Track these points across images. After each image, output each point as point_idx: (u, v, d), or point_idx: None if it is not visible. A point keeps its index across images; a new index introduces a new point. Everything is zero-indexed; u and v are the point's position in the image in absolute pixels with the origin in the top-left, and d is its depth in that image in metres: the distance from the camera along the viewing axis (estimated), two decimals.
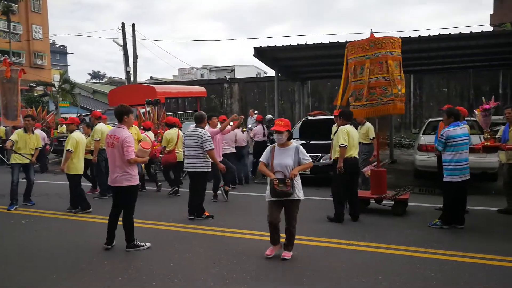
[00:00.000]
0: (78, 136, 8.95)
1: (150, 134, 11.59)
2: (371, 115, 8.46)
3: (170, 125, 11.02)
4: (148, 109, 14.55)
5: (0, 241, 7.15)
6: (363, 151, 10.40)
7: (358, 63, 8.04)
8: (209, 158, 8.11)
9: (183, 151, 10.51)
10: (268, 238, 6.00)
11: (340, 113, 8.14)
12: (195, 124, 8.37)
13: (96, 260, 6.02)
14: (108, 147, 6.45)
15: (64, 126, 21.98)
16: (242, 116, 11.17)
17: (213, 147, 8.08)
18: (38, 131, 11.63)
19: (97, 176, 10.69)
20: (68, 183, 9.09)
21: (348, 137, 7.72)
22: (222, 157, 9.47)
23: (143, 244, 6.54)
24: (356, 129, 9.56)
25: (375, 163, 8.91)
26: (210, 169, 8.19)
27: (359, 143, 10.15)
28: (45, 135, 15.17)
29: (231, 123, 9.83)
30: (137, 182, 6.50)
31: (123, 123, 6.43)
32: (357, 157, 8.01)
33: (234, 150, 11.21)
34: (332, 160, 7.89)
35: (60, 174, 14.33)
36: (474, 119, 9.69)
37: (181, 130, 11.53)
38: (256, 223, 7.80)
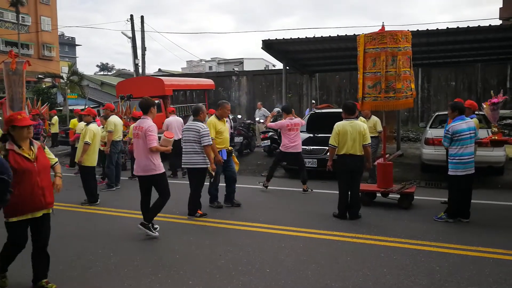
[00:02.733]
0: (95, 128, 9.06)
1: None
2: (393, 108, 8.32)
3: (136, 119, 11.46)
4: (121, 103, 14.82)
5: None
6: (371, 144, 10.39)
7: (389, 54, 7.77)
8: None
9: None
10: (278, 232, 5.97)
11: (343, 106, 7.95)
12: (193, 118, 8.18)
13: (102, 252, 6.08)
14: (134, 138, 6.81)
15: (56, 117, 22.11)
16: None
17: (211, 142, 7.72)
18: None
19: (107, 167, 10.78)
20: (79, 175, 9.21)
21: (338, 135, 7.55)
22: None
23: (154, 232, 6.69)
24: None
25: (388, 155, 8.89)
26: (208, 165, 7.82)
27: None
28: None
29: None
30: (162, 170, 6.72)
31: (148, 114, 6.69)
32: (356, 153, 7.51)
33: None
34: (336, 155, 7.78)
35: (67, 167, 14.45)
36: (482, 112, 9.65)
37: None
38: (263, 216, 7.85)
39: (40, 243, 4.81)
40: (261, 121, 17.77)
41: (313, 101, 19.19)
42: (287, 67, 14.85)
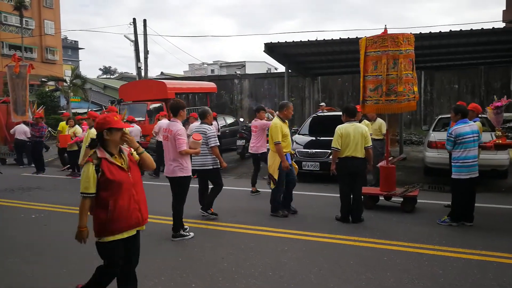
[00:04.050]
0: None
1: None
2: (395, 111, 8.28)
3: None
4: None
5: (10, 234, 7.22)
6: (376, 147, 10.37)
7: (390, 57, 7.72)
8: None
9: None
10: (280, 235, 5.96)
11: (344, 109, 7.93)
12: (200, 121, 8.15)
13: None
14: (163, 140, 6.87)
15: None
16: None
17: (218, 143, 7.80)
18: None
19: None
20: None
21: (341, 138, 7.49)
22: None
23: (188, 234, 6.80)
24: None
25: (391, 158, 8.86)
26: (219, 166, 7.89)
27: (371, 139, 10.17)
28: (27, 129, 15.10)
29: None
30: (189, 173, 6.78)
31: (177, 117, 6.80)
32: (357, 156, 7.48)
33: None
34: (338, 158, 7.74)
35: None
36: (485, 116, 9.62)
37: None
38: (266, 219, 7.84)
39: (132, 264, 4.19)
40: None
41: (323, 104, 19.22)
42: (289, 70, 14.86)
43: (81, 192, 3.82)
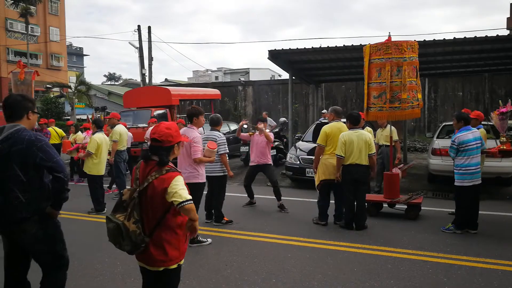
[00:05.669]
0: (100, 137, 9.06)
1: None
2: (399, 119, 8.27)
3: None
4: (97, 114, 15.00)
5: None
6: (388, 153, 10.33)
7: (394, 64, 7.74)
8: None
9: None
10: (284, 242, 5.96)
11: (348, 116, 7.90)
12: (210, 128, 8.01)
13: (108, 260, 6.08)
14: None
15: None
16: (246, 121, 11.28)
17: (227, 151, 7.80)
18: None
19: (118, 177, 10.74)
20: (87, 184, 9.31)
21: (345, 145, 7.45)
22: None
23: (205, 240, 6.82)
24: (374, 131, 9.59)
25: (402, 165, 8.82)
26: (225, 173, 7.91)
27: (383, 145, 10.18)
28: None
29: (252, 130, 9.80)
30: (203, 180, 6.88)
31: (193, 124, 6.84)
32: (361, 163, 7.44)
33: None
34: (342, 165, 7.71)
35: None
36: (491, 123, 9.61)
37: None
38: (270, 226, 7.83)
39: None
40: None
41: (325, 111, 19.20)
42: (293, 77, 14.86)
43: (188, 200, 3.26)
